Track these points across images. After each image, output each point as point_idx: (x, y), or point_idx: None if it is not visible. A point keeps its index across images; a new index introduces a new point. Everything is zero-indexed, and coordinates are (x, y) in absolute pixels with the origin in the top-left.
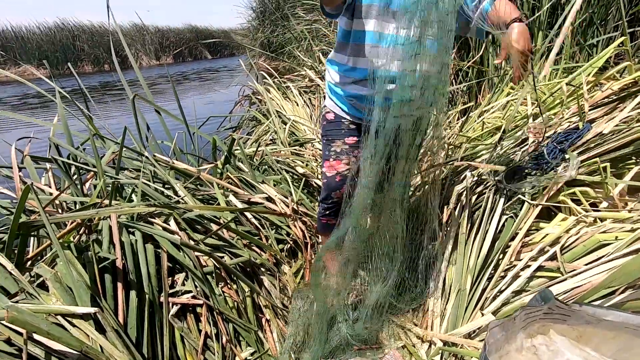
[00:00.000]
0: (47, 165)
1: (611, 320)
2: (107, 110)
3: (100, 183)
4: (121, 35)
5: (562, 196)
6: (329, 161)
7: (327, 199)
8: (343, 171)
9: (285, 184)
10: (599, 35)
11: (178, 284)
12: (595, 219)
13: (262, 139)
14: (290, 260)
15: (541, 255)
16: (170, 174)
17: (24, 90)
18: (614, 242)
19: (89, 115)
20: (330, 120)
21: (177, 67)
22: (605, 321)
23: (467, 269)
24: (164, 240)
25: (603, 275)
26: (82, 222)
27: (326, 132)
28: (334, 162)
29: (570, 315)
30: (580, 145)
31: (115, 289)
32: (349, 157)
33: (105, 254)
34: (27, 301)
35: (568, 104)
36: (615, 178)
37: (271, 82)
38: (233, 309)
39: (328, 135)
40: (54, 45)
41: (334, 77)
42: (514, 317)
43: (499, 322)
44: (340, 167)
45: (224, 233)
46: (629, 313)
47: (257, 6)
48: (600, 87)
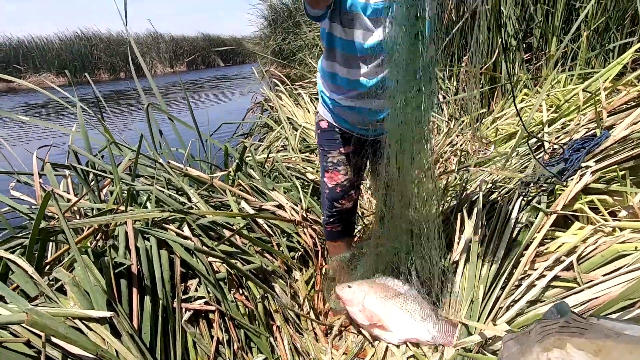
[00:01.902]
0: (65, 172)
1: (630, 335)
2: (122, 117)
3: (117, 190)
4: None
5: (579, 204)
6: (329, 172)
7: (331, 208)
8: (342, 182)
9: (296, 190)
10: (615, 41)
11: (191, 289)
12: (614, 228)
13: (273, 146)
14: (301, 267)
15: (557, 265)
16: (184, 180)
17: (40, 99)
18: (634, 253)
19: (105, 125)
20: (325, 129)
21: (191, 74)
22: (625, 335)
23: (479, 277)
24: (178, 246)
25: (622, 287)
26: (99, 228)
27: (322, 141)
28: (332, 173)
29: (588, 328)
30: (598, 152)
31: (130, 293)
32: (346, 167)
33: (121, 260)
34: (46, 304)
35: (584, 110)
36: (635, 186)
37: (283, 89)
38: (245, 316)
39: (324, 145)
40: (72, 54)
41: (325, 86)
42: (529, 330)
43: (514, 336)
44: (339, 178)
45: (237, 239)
46: None
47: (269, 14)
48: (617, 93)
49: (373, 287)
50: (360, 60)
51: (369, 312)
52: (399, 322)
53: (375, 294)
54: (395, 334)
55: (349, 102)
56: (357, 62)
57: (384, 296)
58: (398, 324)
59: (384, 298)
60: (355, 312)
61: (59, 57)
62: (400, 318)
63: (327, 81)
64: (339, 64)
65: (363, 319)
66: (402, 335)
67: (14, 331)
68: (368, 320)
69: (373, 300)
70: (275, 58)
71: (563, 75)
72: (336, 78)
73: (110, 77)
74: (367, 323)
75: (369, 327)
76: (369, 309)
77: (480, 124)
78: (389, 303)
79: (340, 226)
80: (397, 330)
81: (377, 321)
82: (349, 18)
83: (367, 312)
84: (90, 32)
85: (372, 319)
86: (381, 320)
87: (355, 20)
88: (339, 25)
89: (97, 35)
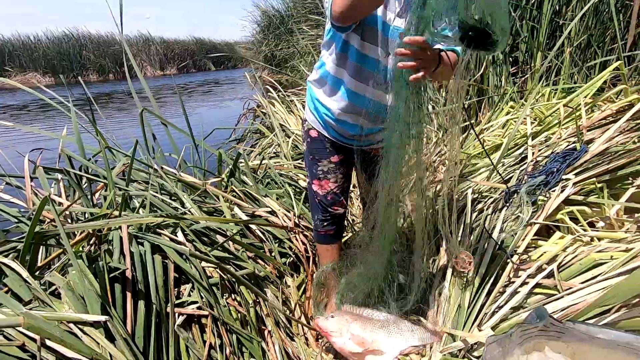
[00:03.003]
0: (58, 176)
1: (603, 338)
2: (112, 119)
3: (111, 195)
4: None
5: (561, 215)
6: (319, 180)
7: (324, 213)
8: (333, 189)
9: (288, 197)
10: (597, 58)
11: (184, 294)
12: (592, 238)
13: (265, 152)
14: (293, 273)
15: (539, 273)
16: (178, 186)
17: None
18: (609, 262)
19: (98, 129)
20: (315, 137)
21: (182, 78)
22: (598, 339)
23: (466, 285)
24: (171, 251)
25: (598, 294)
26: (93, 233)
27: (311, 149)
28: (323, 181)
29: (565, 332)
30: (578, 165)
31: (125, 298)
32: (336, 175)
33: (116, 264)
34: (40, 308)
35: (566, 124)
36: (612, 198)
37: (275, 95)
38: (237, 320)
39: (314, 154)
40: (61, 54)
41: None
42: (510, 333)
43: (496, 338)
44: (330, 186)
45: (230, 245)
46: (620, 331)
47: (262, 20)
48: (598, 108)
49: (353, 317)
50: (370, 78)
51: (358, 339)
52: (388, 342)
53: (357, 322)
54: (388, 354)
55: (343, 116)
56: (367, 78)
57: (366, 323)
58: (388, 345)
59: (367, 325)
60: (345, 341)
61: (46, 57)
62: (387, 339)
63: (328, 86)
64: (347, 73)
65: (354, 347)
66: (395, 352)
67: (8, 335)
68: (360, 346)
69: (358, 328)
70: (267, 64)
71: (547, 89)
72: (340, 86)
73: (98, 78)
74: (360, 350)
75: (362, 354)
76: (358, 335)
77: (468, 135)
78: (373, 329)
79: (333, 229)
80: (389, 350)
81: (368, 346)
82: (369, 32)
83: (357, 339)
84: (79, 33)
85: (363, 344)
86: (371, 345)
87: (375, 36)
88: (357, 37)
89: (87, 36)
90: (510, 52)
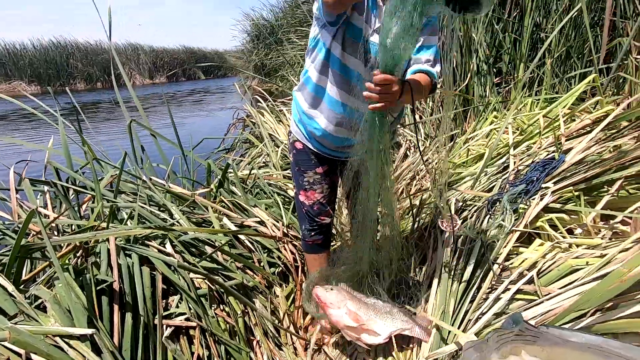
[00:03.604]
0: (44, 188)
1: (575, 341)
2: (100, 129)
3: (98, 207)
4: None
5: (541, 222)
6: (305, 191)
7: (311, 223)
8: (319, 199)
9: (277, 207)
10: (576, 69)
11: (172, 306)
12: (570, 244)
13: (255, 162)
14: (282, 283)
15: (520, 279)
16: (167, 197)
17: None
18: (585, 267)
19: (86, 141)
20: (300, 149)
21: (171, 86)
22: (571, 342)
23: (450, 292)
24: (159, 263)
25: (574, 299)
26: (80, 245)
27: (297, 160)
28: (309, 192)
29: (539, 336)
30: (557, 174)
31: (112, 310)
32: (322, 185)
33: (103, 277)
34: (26, 322)
35: (546, 134)
36: (589, 206)
37: (265, 105)
38: (225, 331)
39: (299, 165)
40: (47, 63)
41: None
42: (487, 338)
43: (473, 344)
44: (316, 197)
45: (218, 256)
46: (590, 334)
47: (252, 30)
48: (577, 118)
49: (350, 295)
50: (352, 88)
51: (354, 315)
52: (381, 323)
53: (354, 301)
54: (381, 334)
55: (327, 127)
56: (348, 88)
57: (361, 303)
58: (381, 326)
59: (362, 305)
60: (341, 314)
61: (32, 66)
62: (381, 320)
63: (312, 95)
64: (329, 81)
65: (350, 321)
66: (387, 332)
67: None
68: (355, 322)
69: (354, 305)
70: (257, 73)
71: (529, 100)
72: (323, 94)
73: (86, 86)
74: (355, 325)
75: (356, 329)
76: (354, 312)
77: (454, 144)
78: (367, 309)
79: (321, 239)
80: (382, 331)
81: (363, 323)
82: (350, 43)
83: (352, 315)
84: (66, 41)
85: (358, 321)
86: (366, 323)
87: (356, 49)
88: (339, 47)
89: (74, 44)
90: (494, 63)
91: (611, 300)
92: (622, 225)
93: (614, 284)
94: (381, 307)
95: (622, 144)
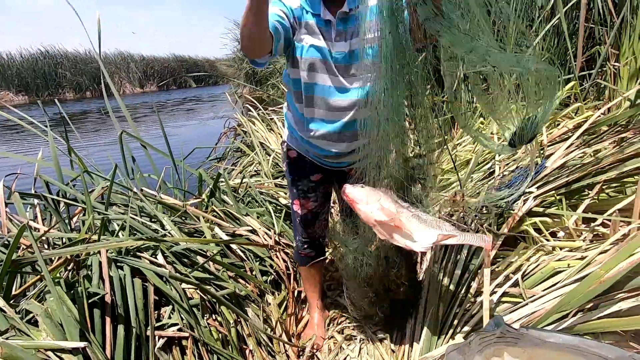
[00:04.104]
0: (34, 202)
1: (554, 342)
2: (89, 140)
3: (89, 219)
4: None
5: (525, 226)
6: (299, 200)
7: (303, 234)
8: (313, 208)
9: (268, 215)
10: (560, 76)
11: (164, 316)
12: (554, 247)
13: (246, 171)
14: (274, 291)
15: (506, 282)
16: (158, 208)
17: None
18: (567, 269)
19: (76, 152)
20: (294, 158)
21: (162, 95)
22: (550, 343)
23: (440, 296)
24: (151, 274)
25: (557, 300)
26: (71, 258)
27: (290, 170)
28: (303, 200)
29: (520, 338)
30: (539, 179)
31: (104, 323)
32: (316, 194)
33: (95, 289)
34: (17, 337)
35: None
36: (571, 209)
37: (256, 114)
38: (218, 341)
39: (294, 174)
40: (35, 72)
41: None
42: (470, 341)
43: (456, 347)
44: (310, 205)
45: (210, 266)
46: (568, 335)
47: None
48: (564, 121)
49: (386, 194)
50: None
51: (387, 211)
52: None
53: (389, 199)
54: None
55: (314, 140)
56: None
57: (398, 204)
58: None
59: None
60: (373, 209)
61: (19, 75)
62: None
63: (295, 116)
64: (305, 105)
65: (381, 216)
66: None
67: None
68: (387, 216)
69: (389, 202)
70: (248, 81)
71: (514, 106)
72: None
73: (75, 96)
74: (387, 219)
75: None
76: (387, 209)
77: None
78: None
79: (314, 251)
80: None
81: (395, 219)
82: (308, 64)
83: (386, 211)
84: (55, 50)
85: (391, 216)
86: (402, 223)
87: (316, 66)
88: (297, 69)
89: (63, 54)
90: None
91: (592, 300)
92: (603, 227)
93: (593, 285)
94: (426, 217)
95: (601, 149)
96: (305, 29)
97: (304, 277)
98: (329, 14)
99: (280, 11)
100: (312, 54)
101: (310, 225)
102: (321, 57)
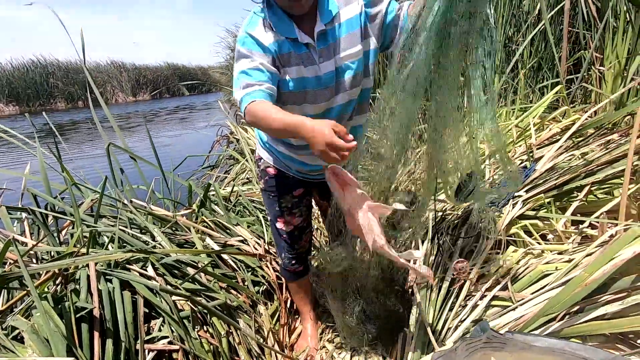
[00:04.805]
0: (22, 215)
1: (539, 346)
2: (78, 151)
3: (78, 232)
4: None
5: (515, 229)
6: (284, 217)
7: (291, 251)
8: (299, 224)
9: (259, 224)
10: (548, 79)
11: (154, 329)
12: (543, 250)
13: (238, 178)
14: (266, 302)
15: (495, 286)
16: (148, 219)
17: None
18: (554, 273)
19: (64, 165)
20: (273, 174)
21: (155, 104)
22: (536, 347)
23: (429, 301)
24: (141, 286)
25: (543, 304)
26: (59, 272)
27: (269, 187)
28: (289, 217)
29: (506, 343)
30: (528, 183)
31: (92, 338)
32: (300, 209)
33: (83, 304)
34: (2, 355)
35: (519, 142)
36: (560, 212)
37: None
38: (209, 352)
39: (273, 191)
40: (26, 82)
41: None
42: (455, 347)
43: (442, 354)
44: (296, 221)
45: (201, 277)
46: (552, 339)
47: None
48: (547, 127)
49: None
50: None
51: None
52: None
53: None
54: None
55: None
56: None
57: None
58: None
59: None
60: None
61: (10, 85)
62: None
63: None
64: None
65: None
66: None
67: None
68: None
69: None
70: None
71: (504, 109)
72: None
73: (67, 105)
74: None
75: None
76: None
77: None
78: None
79: (302, 266)
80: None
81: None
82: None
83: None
84: (46, 60)
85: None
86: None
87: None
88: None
89: (54, 63)
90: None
91: (578, 303)
92: (591, 229)
93: (578, 288)
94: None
95: (589, 151)
96: (288, 61)
97: (294, 291)
98: (305, 36)
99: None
100: (299, 87)
101: (297, 241)
102: (310, 87)
